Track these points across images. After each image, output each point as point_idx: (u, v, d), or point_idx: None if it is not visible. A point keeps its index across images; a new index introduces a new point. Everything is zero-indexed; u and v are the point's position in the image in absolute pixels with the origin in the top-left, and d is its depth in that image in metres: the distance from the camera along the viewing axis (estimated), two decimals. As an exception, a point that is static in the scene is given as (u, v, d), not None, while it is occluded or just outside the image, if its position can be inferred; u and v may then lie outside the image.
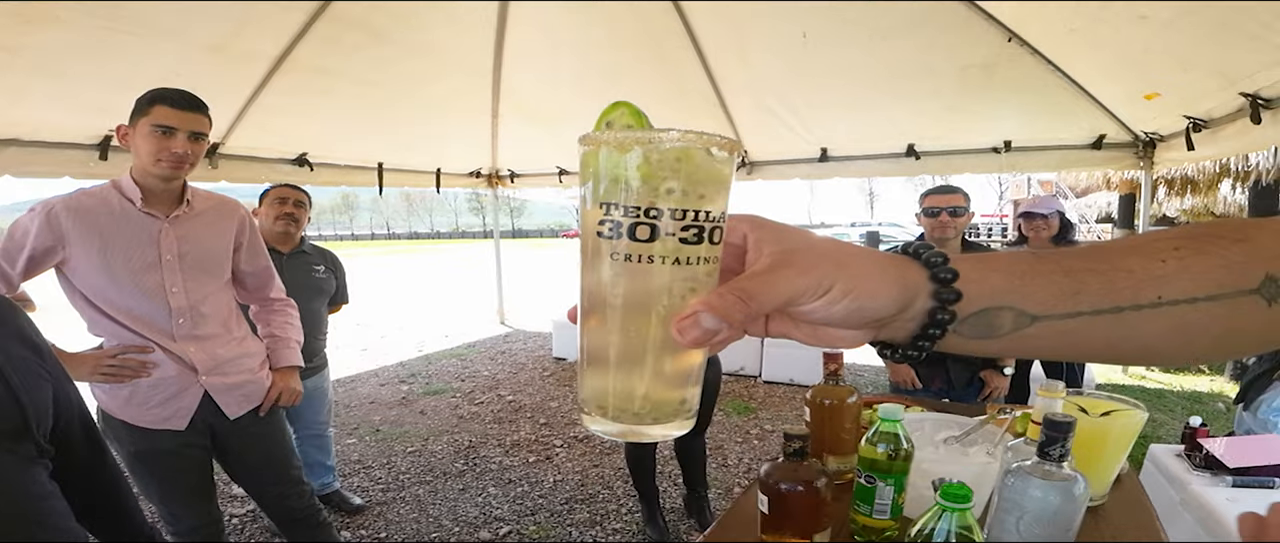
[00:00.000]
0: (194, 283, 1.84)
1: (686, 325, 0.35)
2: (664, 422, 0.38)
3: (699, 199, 0.35)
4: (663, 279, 0.35)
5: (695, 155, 0.34)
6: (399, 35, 3.43)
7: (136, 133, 1.73)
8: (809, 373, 5.52)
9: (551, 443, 4.23)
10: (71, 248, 1.69)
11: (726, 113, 4.26)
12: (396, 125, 4.33)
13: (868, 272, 0.39)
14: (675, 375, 0.37)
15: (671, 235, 0.35)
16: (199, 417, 1.84)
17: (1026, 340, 0.43)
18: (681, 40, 3.63)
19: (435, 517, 3.32)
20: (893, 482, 1.15)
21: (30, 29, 2.52)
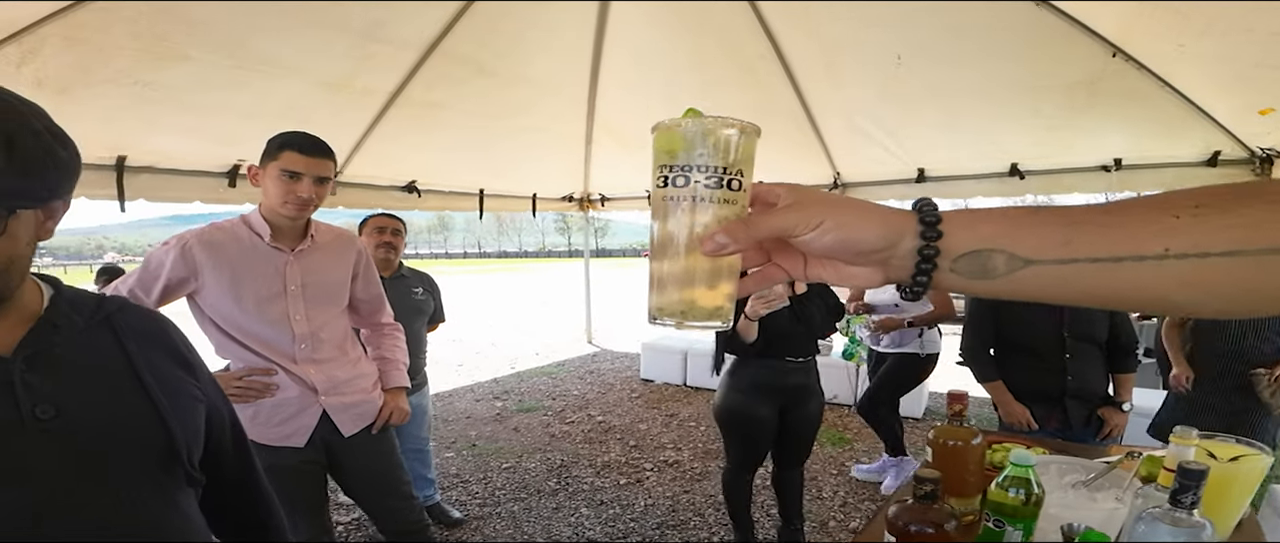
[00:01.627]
0: (315, 311, 1.97)
1: (707, 241, 0.49)
2: (706, 319, 0.52)
3: (726, 159, 0.49)
4: (705, 215, 0.49)
5: (721, 131, 0.49)
6: (502, 68, 3.59)
7: (266, 175, 1.86)
8: (907, 404, 5.32)
9: (642, 466, 4.25)
10: (204, 278, 1.84)
11: (817, 133, 4.21)
12: (497, 153, 4.51)
13: (855, 211, 0.50)
14: (716, 281, 0.51)
15: (704, 185, 0.49)
16: (317, 434, 1.96)
17: (1022, 282, 0.49)
18: (772, 64, 3.62)
19: (530, 534, 3.39)
20: (1022, 527, 1.13)
21: (164, 65, 2.79)
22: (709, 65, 3.72)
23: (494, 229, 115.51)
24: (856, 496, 3.84)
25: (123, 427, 0.79)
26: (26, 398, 0.72)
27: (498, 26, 3.24)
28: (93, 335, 0.84)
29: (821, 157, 4.38)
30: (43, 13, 2.39)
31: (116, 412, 0.79)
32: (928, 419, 5.29)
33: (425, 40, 3.25)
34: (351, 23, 2.96)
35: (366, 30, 3.04)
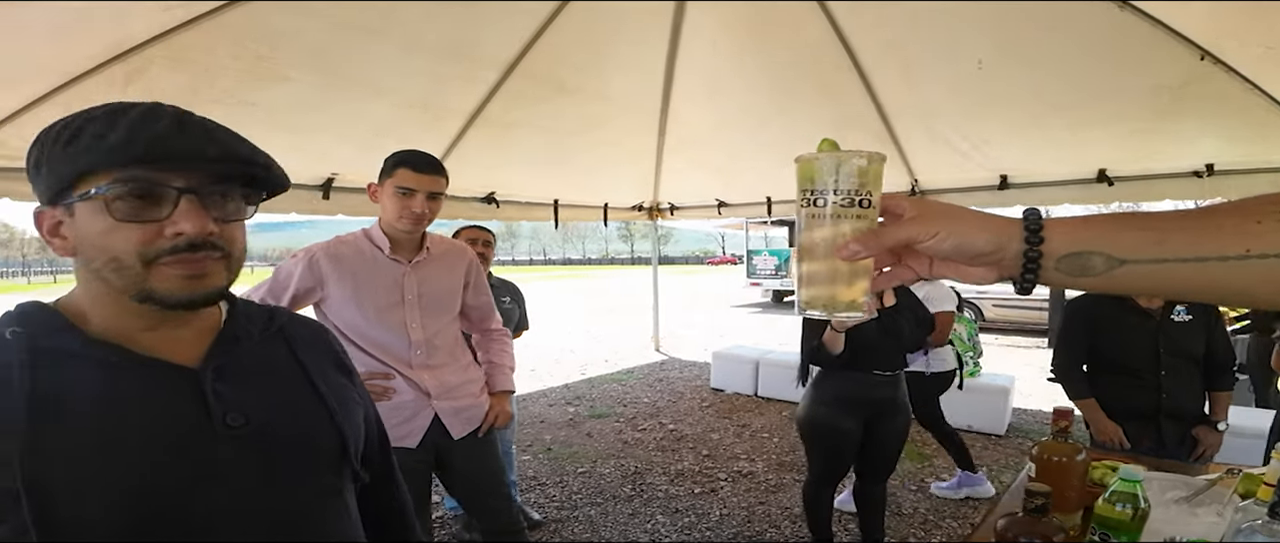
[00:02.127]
0: (430, 318, 2.09)
1: (842, 249, 0.59)
2: (846, 310, 0.64)
3: (857, 182, 0.60)
4: (841, 226, 0.60)
5: (851, 161, 0.60)
6: (578, 85, 3.69)
7: (383, 192, 2.00)
8: (990, 420, 5.17)
9: (716, 476, 4.25)
10: (329, 288, 1.98)
11: (895, 141, 4.14)
12: (571, 165, 4.63)
13: (969, 220, 0.60)
14: (853, 280, 0.62)
15: (843, 203, 0.60)
16: (428, 436, 2.07)
17: (1118, 279, 0.57)
18: (848, 74, 3.59)
19: (607, 539, 3.44)
20: (1127, 541, 1.13)
21: (264, 86, 2.96)
22: (781, 75, 3.72)
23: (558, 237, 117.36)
24: (937, 513, 3.75)
25: (303, 431, 0.84)
26: (218, 406, 0.76)
27: (575, 45, 3.33)
28: (268, 346, 0.89)
29: (899, 164, 4.31)
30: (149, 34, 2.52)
31: (297, 418, 0.84)
32: (1010, 437, 5.12)
33: (506, 60, 3.37)
34: (438, 44, 3.09)
35: (452, 51, 3.17)
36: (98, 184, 0.68)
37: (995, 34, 3.08)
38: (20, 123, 2.70)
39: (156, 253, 0.71)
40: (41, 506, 0.63)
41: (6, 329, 0.70)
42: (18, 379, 0.67)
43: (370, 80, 3.20)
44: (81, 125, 0.69)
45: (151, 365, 0.75)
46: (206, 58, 2.73)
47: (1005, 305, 11.70)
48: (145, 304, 0.73)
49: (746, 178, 4.98)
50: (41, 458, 0.65)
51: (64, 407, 0.68)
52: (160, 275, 0.72)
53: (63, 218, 0.72)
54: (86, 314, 0.75)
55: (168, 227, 0.71)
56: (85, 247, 0.71)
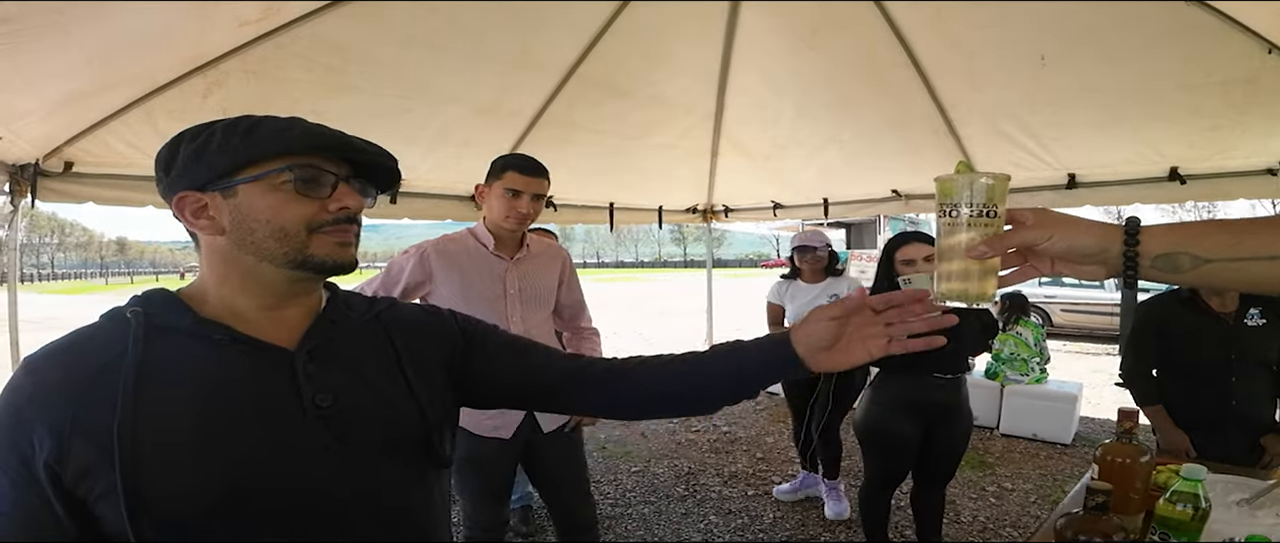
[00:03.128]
0: (529, 312, 2.21)
1: (972, 250, 0.75)
2: (976, 301, 0.79)
3: (985, 197, 0.76)
4: (972, 233, 0.76)
5: (979, 180, 0.76)
6: (634, 88, 3.74)
7: (491, 193, 2.12)
8: (1055, 428, 5.00)
9: (769, 479, 4.24)
10: (437, 282, 2.12)
11: (957, 139, 4.03)
12: (626, 168, 4.67)
13: (1078, 227, 0.74)
14: (984, 276, 0.78)
15: (974, 214, 0.76)
16: (521, 430, 2.17)
17: (1203, 275, 0.68)
18: (906, 71, 3.53)
19: (660, 537, 3.48)
20: (1186, 539, 1.13)
21: (334, 96, 3.09)
22: (838, 76, 3.69)
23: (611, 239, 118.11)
24: (997, 522, 3.66)
25: (388, 416, 0.89)
26: (308, 387, 0.82)
27: (631, 48, 3.38)
28: (366, 331, 0.95)
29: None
30: (226, 47, 2.65)
31: (383, 402, 0.89)
32: (1077, 446, 4.95)
33: (564, 65, 3.44)
34: (500, 52, 3.18)
35: (514, 58, 3.26)
36: (273, 167, 0.81)
37: (1059, 29, 2.99)
38: (103, 132, 2.87)
39: (320, 224, 0.84)
40: (132, 470, 0.70)
41: (129, 309, 0.80)
42: (131, 352, 0.75)
43: (436, 88, 3.31)
44: (254, 123, 0.82)
45: (252, 345, 0.82)
46: (280, 70, 2.86)
47: (1074, 310, 11.27)
48: (297, 271, 0.84)
49: (802, 179, 4.93)
50: (139, 425, 0.72)
51: (167, 379, 0.76)
52: (319, 242, 0.84)
53: (213, 200, 0.82)
54: (205, 297, 0.85)
55: (331, 203, 0.84)
56: (247, 220, 0.81)
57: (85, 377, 0.74)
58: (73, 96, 2.56)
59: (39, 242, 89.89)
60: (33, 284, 50.40)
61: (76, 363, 0.76)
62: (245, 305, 0.85)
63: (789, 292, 3.78)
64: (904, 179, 4.58)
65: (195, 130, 0.83)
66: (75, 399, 0.73)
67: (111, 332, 0.79)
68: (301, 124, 0.83)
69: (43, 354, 0.78)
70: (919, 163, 4.28)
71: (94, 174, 3.09)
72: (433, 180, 4.02)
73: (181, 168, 0.82)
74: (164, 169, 0.84)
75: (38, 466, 0.71)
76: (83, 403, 0.73)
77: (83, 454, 0.71)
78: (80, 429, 0.72)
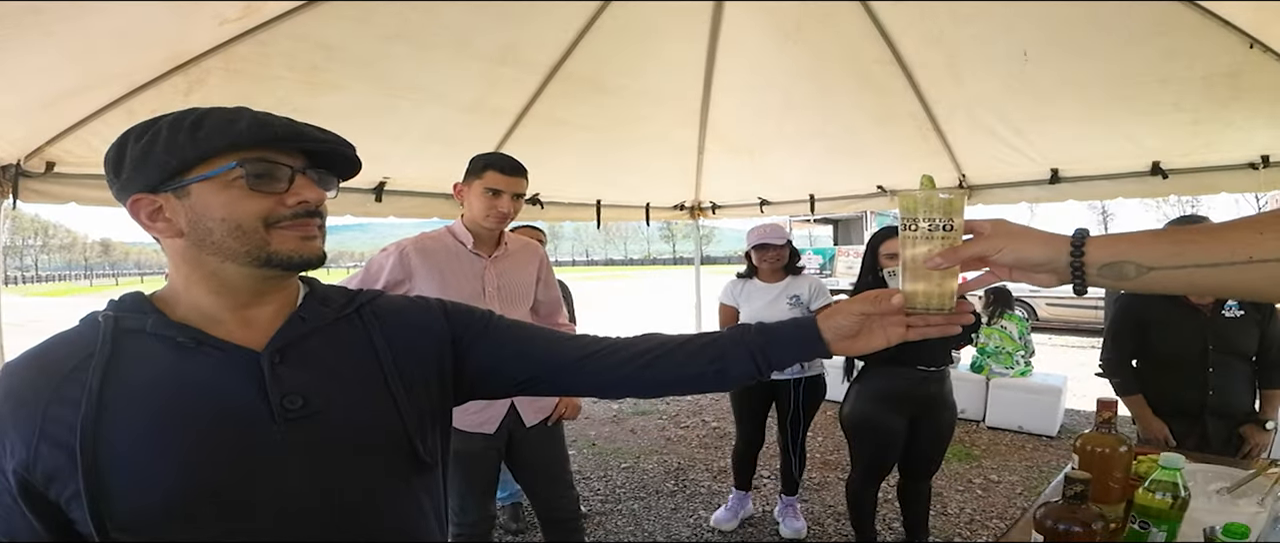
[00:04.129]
0: (508, 310, 2.19)
1: (930, 261, 0.82)
2: (938, 307, 0.85)
3: (943, 212, 0.82)
4: (931, 245, 0.82)
5: (939, 196, 0.82)
6: (619, 85, 3.74)
7: (470, 191, 2.13)
8: (1040, 421, 5.05)
9: (759, 474, 4.24)
10: (416, 280, 2.12)
11: (940, 135, 4.07)
12: (613, 165, 4.68)
13: (1028, 238, 0.80)
14: (944, 284, 0.84)
15: (932, 228, 0.82)
16: (504, 424, 2.21)
17: (1149, 281, 0.73)
18: (890, 67, 3.55)
19: (650, 532, 3.49)
20: (1166, 528, 1.18)
21: (319, 94, 3.07)
22: (823, 72, 3.71)
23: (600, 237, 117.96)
24: (984, 514, 3.69)
25: (364, 417, 0.85)
26: (275, 389, 0.79)
27: (616, 45, 3.38)
28: (343, 328, 0.90)
29: (946, 160, 4.24)
30: (207, 46, 2.63)
31: (359, 403, 0.85)
32: (1062, 437, 5.00)
33: (549, 63, 3.44)
34: (485, 50, 3.18)
35: (498, 55, 3.25)
36: (225, 163, 0.77)
37: (1041, 25, 3.02)
38: (85, 132, 2.84)
39: (278, 218, 0.80)
40: (93, 471, 0.70)
41: (101, 313, 0.80)
42: (97, 355, 0.75)
43: (421, 86, 3.30)
44: (199, 118, 0.78)
45: (218, 347, 0.79)
46: (262, 69, 2.84)
47: (1059, 304, 11.38)
48: (262, 269, 0.81)
49: (789, 175, 4.95)
50: (101, 428, 0.71)
51: (131, 382, 0.75)
52: (280, 238, 0.81)
53: (166, 201, 0.79)
54: (176, 299, 0.83)
55: (289, 197, 0.81)
56: (203, 220, 0.78)
57: (55, 380, 0.74)
58: (54, 96, 2.54)
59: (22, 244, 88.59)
60: (17, 287, 49.76)
61: (48, 367, 0.75)
62: (214, 306, 0.82)
63: (743, 292, 3.43)
64: (890, 175, 4.61)
65: (141, 128, 0.80)
66: (44, 403, 0.72)
67: (85, 335, 0.78)
68: (249, 115, 0.80)
69: (19, 360, 0.77)
70: (904, 158, 4.31)
71: (76, 174, 3.05)
72: (418, 179, 4.01)
73: (130, 169, 0.79)
74: (113, 171, 0.81)
75: (8, 472, 0.71)
76: (51, 407, 0.72)
77: (49, 458, 0.71)
78: (47, 433, 0.71)
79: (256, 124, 0.79)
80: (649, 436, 5.12)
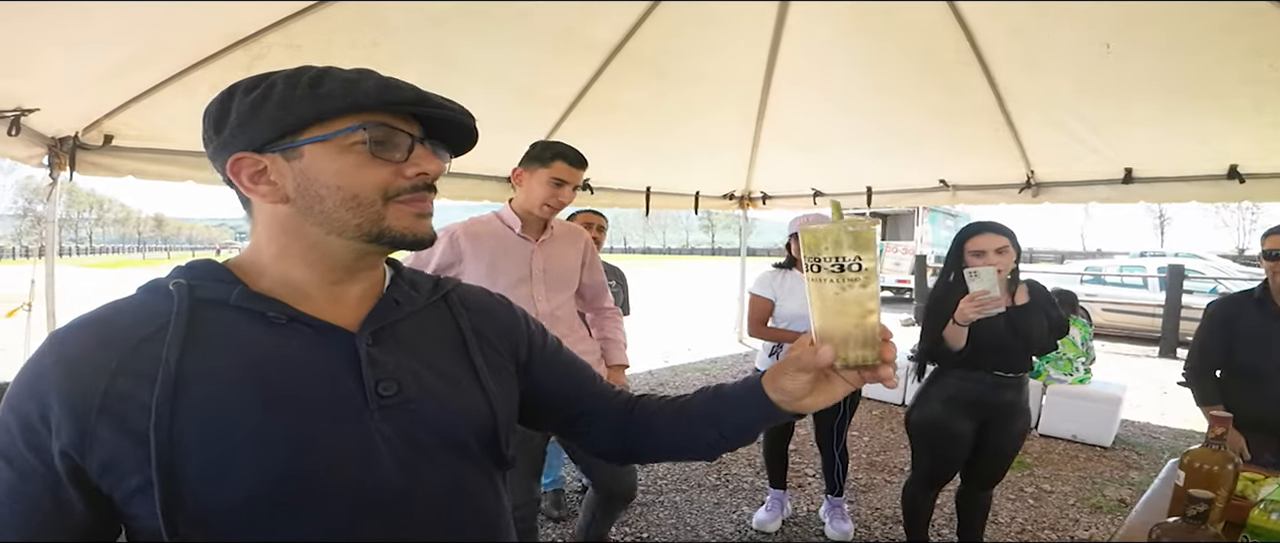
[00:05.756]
0: (553, 293, 2.24)
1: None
2: (862, 365, 0.74)
3: (851, 250, 0.70)
4: (836, 287, 0.71)
5: (844, 231, 0.70)
6: (679, 70, 3.66)
7: (533, 177, 2.15)
8: (1096, 430, 4.86)
9: (804, 471, 4.17)
10: (466, 264, 2.15)
11: (1012, 129, 3.90)
12: (665, 152, 4.61)
13: None
14: (865, 344, 0.73)
15: (840, 267, 0.71)
16: None
17: None
18: (964, 55, 3.40)
19: (692, 526, 3.44)
20: None
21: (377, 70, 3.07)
22: (891, 63, 3.57)
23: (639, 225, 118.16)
24: (1036, 524, 3.55)
25: (454, 409, 0.80)
26: (371, 374, 0.73)
27: (679, 29, 3.30)
28: (432, 314, 0.85)
29: (1016, 156, 4.07)
30: (268, 21, 2.63)
31: (450, 394, 0.80)
32: (1116, 449, 4.80)
33: (610, 43, 3.37)
34: (545, 29, 3.12)
35: (557, 35, 3.20)
36: (345, 124, 0.71)
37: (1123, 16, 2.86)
38: (143, 105, 2.87)
39: (397, 191, 0.74)
40: (169, 459, 0.62)
41: (171, 281, 0.71)
42: (173, 326, 0.67)
43: (479, 66, 3.27)
44: (318, 74, 0.72)
45: (311, 324, 0.73)
46: (322, 45, 2.84)
47: (1116, 310, 10.94)
48: (368, 244, 0.75)
49: (845, 166, 4.82)
50: (179, 409, 0.63)
51: (213, 359, 0.67)
52: (396, 213, 0.75)
53: (273, 162, 0.72)
54: (261, 269, 0.76)
55: (408, 167, 0.74)
56: (313, 186, 0.72)
57: (120, 352, 0.65)
58: (113, 69, 2.56)
59: (77, 217, 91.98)
60: (71, 258, 51.69)
61: (112, 336, 0.66)
62: (305, 280, 0.75)
63: (782, 283, 3.17)
64: (952, 169, 4.44)
65: (251, 81, 0.72)
66: (105, 379, 0.63)
67: (150, 305, 0.69)
68: (374, 76, 0.73)
69: (71, 327, 0.68)
70: (970, 152, 4.15)
71: (134, 148, 3.09)
72: (469, 161, 3.97)
73: (236, 125, 0.71)
74: (214, 126, 0.73)
75: (52, 453, 0.62)
76: (114, 383, 0.63)
77: (110, 443, 0.62)
78: (109, 413, 0.63)
79: (382, 85, 0.72)
80: (690, 427, 5.07)
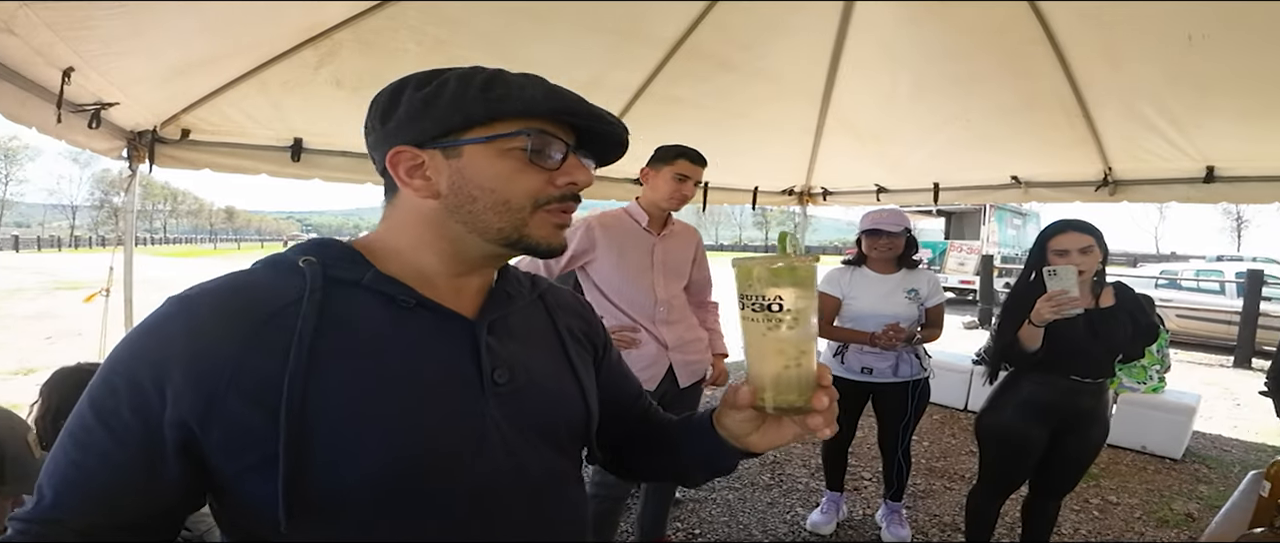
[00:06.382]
0: (670, 282, 2.52)
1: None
2: (792, 411, 0.70)
3: (788, 287, 0.67)
4: (762, 327, 0.68)
5: (775, 267, 0.67)
6: (743, 61, 3.59)
7: (660, 176, 2.41)
8: (1166, 442, 4.65)
9: (860, 475, 4.09)
10: (598, 252, 2.41)
11: (1089, 123, 3.69)
12: (723, 145, 4.51)
13: None
14: (801, 387, 0.69)
15: (770, 308, 0.67)
16: (661, 384, 2.44)
17: None
18: (1040, 46, 3.25)
19: (745, 525, 3.41)
20: None
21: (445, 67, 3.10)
22: (964, 52, 3.43)
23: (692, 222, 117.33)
24: (1100, 536, 3.42)
25: (554, 401, 0.82)
26: (489, 360, 0.75)
27: (746, 19, 3.24)
28: (533, 311, 0.88)
29: (1092, 150, 3.87)
30: (339, 18, 2.68)
31: (551, 386, 0.83)
32: (1186, 461, 4.59)
33: (673, 37, 3.34)
34: (608, 22, 3.11)
35: (620, 29, 3.19)
36: (509, 129, 0.73)
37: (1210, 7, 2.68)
38: (220, 100, 2.96)
39: (546, 199, 0.76)
40: (298, 430, 0.62)
41: (300, 257, 0.72)
42: (306, 302, 0.67)
43: (542, 61, 3.24)
44: (490, 77, 0.74)
45: (436, 310, 0.75)
46: (391, 42, 2.89)
47: (1190, 317, 10.39)
48: (505, 248, 0.77)
49: (912, 161, 4.62)
50: (313, 390, 0.64)
51: (345, 337, 0.68)
52: (539, 221, 0.76)
53: (432, 158, 0.74)
54: (390, 255, 0.77)
55: (559, 176, 0.76)
56: (467, 187, 0.73)
57: (253, 324, 0.65)
58: (190, 64, 2.65)
59: (152, 208, 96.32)
60: (146, 247, 54.23)
61: (242, 308, 0.66)
62: (434, 270, 0.77)
63: (851, 282, 3.11)
64: (1026, 165, 4.22)
65: (423, 77, 0.75)
66: (236, 350, 0.63)
67: (279, 280, 0.70)
68: (542, 83, 0.75)
69: (200, 292, 0.67)
70: (1045, 147, 3.95)
71: (210, 142, 3.21)
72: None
73: (404, 118, 0.73)
74: (380, 117, 0.75)
75: (161, 422, 0.61)
76: (245, 356, 0.63)
77: (240, 415, 0.62)
78: (241, 385, 0.62)
79: (551, 93, 0.74)
80: (744, 426, 5.01)
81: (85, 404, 0.63)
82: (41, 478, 0.63)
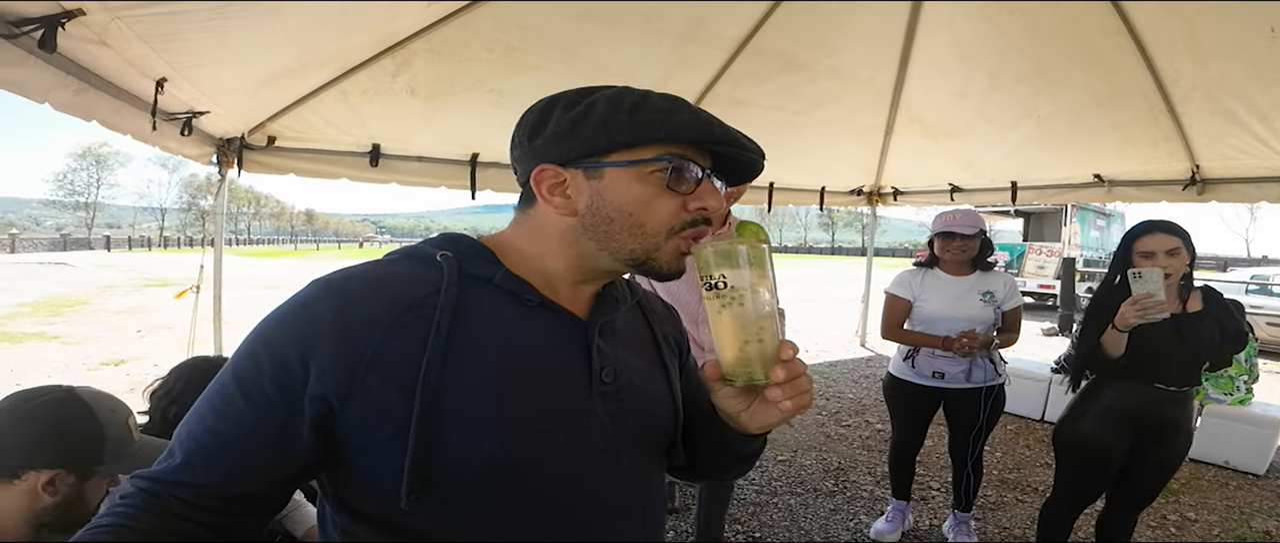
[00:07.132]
0: None
1: None
2: (750, 382, 0.72)
3: (716, 270, 0.71)
4: (714, 306, 0.71)
5: (705, 250, 0.72)
6: (809, 60, 3.56)
7: None
8: (1249, 456, 4.36)
9: (928, 484, 3.97)
10: None
11: (1175, 118, 3.50)
12: (790, 145, 4.49)
13: None
14: (761, 360, 0.71)
15: (706, 287, 0.71)
16: None
17: None
18: (1121, 40, 3.10)
19: (806, 531, 3.36)
20: None
21: (513, 74, 3.18)
22: (1040, 46, 3.31)
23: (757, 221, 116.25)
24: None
25: (651, 403, 0.85)
26: (598, 360, 0.78)
27: (811, 16, 3.21)
28: (633, 315, 0.91)
29: (1179, 147, 3.67)
30: (414, 28, 2.78)
31: (649, 389, 0.85)
32: (1270, 477, 4.28)
33: (738, 37, 3.34)
34: (673, 25, 3.14)
35: (685, 31, 3.20)
36: (651, 153, 0.74)
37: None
38: (303, 109, 3.12)
39: (680, 225, 0.76)
40: (430, 419, 0.66)
41: (437, 252, 0.76)
42: (445, 294, 0.71)
43: (608, 65, 3.34)
44: (638, 101, 0.75)
45: (555, 310, 0.78)
46: (463, 50, 2.98)
47: (1281, 323, 9.64)
48: (634, 268, 0.78)
49: (988, 159, 4.46)
50: (447, 376, 0.68)
51: (476, 329, 0.72)
52: (670, 247, 0.77)
53: (573, 178, 0.75)
54: (518, 257, 0.80)
55: (692, 201, 0.76)
56: (605, 208, 0.75)
57: (396, 310, 0.69)
58: (275, 75, 2.80)
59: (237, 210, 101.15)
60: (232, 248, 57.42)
61: (386, 296, 0.70)
62: (558, 276, 0.80)
63: (923, 284, 2.99)
64: (1109, 162, 4.04)
65: (572, 96, 0.76)
66: (381, 333, 0.67)
67: (418, 272, 0.74)
68: (688, 109, 0.75)
69: (346, 276, 0.72)
70: (1128, 144, 3.77)
71: (295, 148, 3.38)
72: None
73: (551, 137, 0.75)
74: (528, 135, 0.77)
75: (302, 396, 0.65)
76: (389, 339, 0.67)
77: (380, 394, 0.66)
78: (382, 367, 0.67)
79: (696, 120, 0.74)
80: (807, 431, 4.94)
81: (228, 376, 0.68)
82: (174, 442, 0.68)
